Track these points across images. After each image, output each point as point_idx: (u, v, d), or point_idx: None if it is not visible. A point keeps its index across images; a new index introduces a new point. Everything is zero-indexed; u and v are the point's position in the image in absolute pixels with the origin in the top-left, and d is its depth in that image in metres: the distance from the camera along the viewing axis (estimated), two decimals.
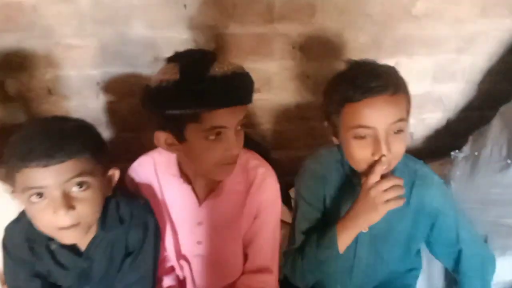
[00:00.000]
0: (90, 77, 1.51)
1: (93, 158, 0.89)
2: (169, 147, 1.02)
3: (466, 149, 1.53)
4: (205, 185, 1.13)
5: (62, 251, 0.98)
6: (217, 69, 0.93)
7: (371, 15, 1.55)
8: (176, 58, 0.99)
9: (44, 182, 0.83)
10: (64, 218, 0.85)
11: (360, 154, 0.97)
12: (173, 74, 0.92)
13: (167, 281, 1.21)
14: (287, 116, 1.72)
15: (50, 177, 0.82)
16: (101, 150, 0.94)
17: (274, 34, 1.53)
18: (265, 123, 1.73)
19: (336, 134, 1.05)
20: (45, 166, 0.81)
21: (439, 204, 1.09)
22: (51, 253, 1.00)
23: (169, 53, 1.44)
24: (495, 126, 1.46)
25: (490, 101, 1.71)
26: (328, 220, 1.13)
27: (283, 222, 1.63)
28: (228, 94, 0.93)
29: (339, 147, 1.09)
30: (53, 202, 0.84)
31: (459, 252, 1.11)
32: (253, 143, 1.24)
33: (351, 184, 1.09)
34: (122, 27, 1.43)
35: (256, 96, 1.61)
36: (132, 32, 1.45)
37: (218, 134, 0.96)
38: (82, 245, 0.99)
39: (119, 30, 1.44)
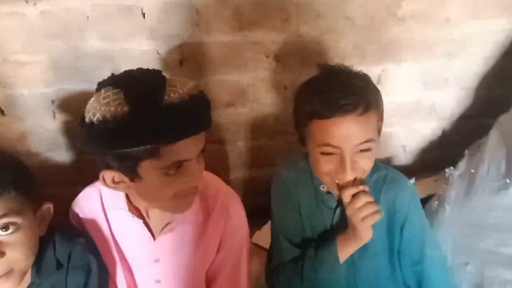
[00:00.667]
0: (44, 95, 1.39)
1: (20, 196, 0.80)
2: (117, 185, 0.88)
3: (462, 165, 1.37)
4: (160, 218, 1.01)
5: None
6: (172, 94, 0.78)
7: (352, 19, 1.41)
8: (117, 84, 0.82)
9: None
10: None
11: (324, 168, 0.97)
12: (120, 105, 0.76)
13: None
14: (265, 130, 1.58)
15: None
16: (30, 186, 0.84)
17: (245, 43, 1.39)
18: (242, 139, 1.59)
19: (304, 144, 1.04)
20: None
21: (408, 208, 1.07)
22: None
23: (128, 66, 1.31)
24: (493, 139, 1.30)
25: (488, 108, 1.56)
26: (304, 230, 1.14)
27: (259, 247, 1.50)
28: (190, 123, 0.80)
29: (307, 155, 1.09)
30: None
31: (422, 273, 1.07)
32: None
33: (321, 193, 1.10)
34: (75, 40, 1.31)
35: (229, 110, 1.52)
36: (86, 45, 1.32)
37: (179, 167, 0.84)
38: None
39: (71, 43, 1.31)
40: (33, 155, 1.48)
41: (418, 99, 1.63)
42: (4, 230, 0.77)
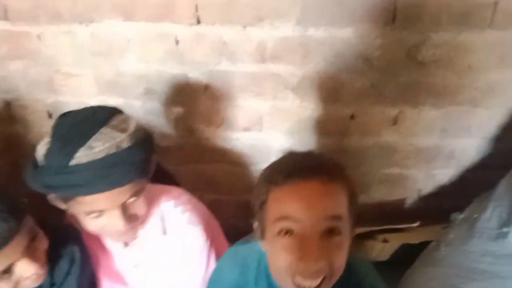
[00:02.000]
0: (86, 105, 1.56)
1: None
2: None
3: (468, 210, 1.36)
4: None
5: None
6: (85, 153, 0.83)
7: (370, 60, 1.47)
8: (53, 130, 0.90)
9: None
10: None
11: (283, 259, 0.75)
12: (43, 156, 0.86)
13: None
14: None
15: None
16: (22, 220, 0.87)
17: (266, 74, 1.51)
18: (258, 163, 1.68)
19: (263, 236, 0.84)
20: None
21: None
22: None
23: (160, 85, 1.49)
24: (501, 188, 1.28)
25: (509, 159, 1.51)
26: None
27: None
28: (96, 181, 0.84)
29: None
30: None
31: None
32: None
33: None
34: (117, 59, 1.50)
35: (246, 135, 1.62)
36: (126, 64, 1.51)
37: (100, 214, 0.91)
38: None
39: (113, 62, 1.51)
40: None
41: (437, 145, 1.62)
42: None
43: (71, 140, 0.84)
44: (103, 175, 0.84)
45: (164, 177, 1.22)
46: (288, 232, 0.75)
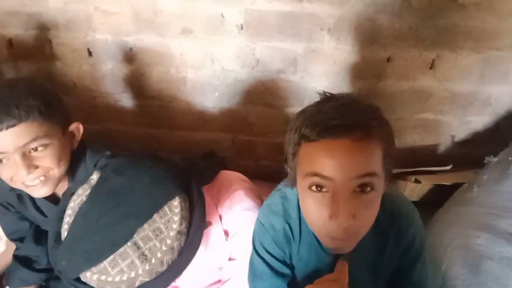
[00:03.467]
0: (124, 43, 1.61)
1: (46, 121, 0.92)
2: None
3: (503, 154, 1.36)
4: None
5: (41, 200, 1.05)
6: None
7: (409, 1, 1.44)
8: None
9: (1, 147, 0.88)
10: (28, 175, 0.91)
11: (315, 213, 0.75)
12: None
13: None
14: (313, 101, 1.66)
15: (6, 140, 0.87)
16: (56, 110, 0.96)
17: (302, 14, 1.49)
18: (291, 106, 1.70)
19: (295, 183, 0.84)
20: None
21: (414, 245, 0.90)
22: (33, 201, 1.08)
23: (195, 25, 1.49)
24: None
25: None
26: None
27: None
28: None
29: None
30: (14, 164, 0.89)
31: None
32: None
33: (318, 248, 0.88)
34: None
35: (281, 77, 1.63)
36: (163, 2, 1.51)
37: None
38: (60, 195, 1.05)
39: (151, 0, 1.51)
40: (110, 95, 1.74)
41: (474, 91, 1.60)
42: (34, 150, 0.92)
43: None
44: None
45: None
46: (318, 187, 0.74)
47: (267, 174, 1.72)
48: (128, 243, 0.70)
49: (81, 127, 1.03)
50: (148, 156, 0.84)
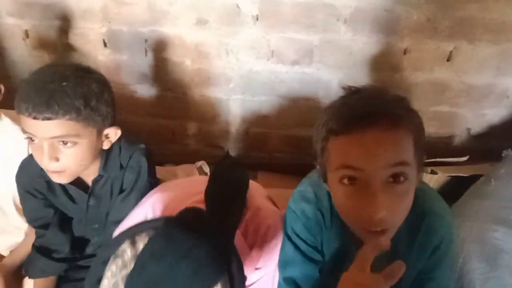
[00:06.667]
0: (139, 33, 1.62)
1: (82, 121, 0.91)
2: None
3: None
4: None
5: (71, 186, 1.07)
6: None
7: None
8: None
9: (33, 131, 0.89)
10: (48, 164, 0.93)
11: (348, 207, 0.75)
12: None
13: None
14: (327, 95, 1.66)
15: (38, 129, 0.88)
16: (95, 114, 0.94)
17: (318, 4, 1.48)
18: (306, 97, 1.69)
19: (325, 179, 0.82)
20: (34, 118, 0.87)
21: (441, 248, 0.87)
22: (63, 187, 1.09)
23: (211, 16, 1.49)
24: None
25: None
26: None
27: None
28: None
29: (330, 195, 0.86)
30: (41, 149, 0.91)
31: None
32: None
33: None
34: None
35: (296, 68, 1.62)
36: None
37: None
38: (89, 183, 1.07)
39: None
40: (125, 86, 1.74)
41: (491, 83, 1.58)
42: (63, 143, 0.92)
43: None
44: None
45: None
46: (350, 179, 0.73)
47: (280, 166, 1.72)
48: None
49: (119, 131, 1.02)
50: (190, 230, 0.72)
